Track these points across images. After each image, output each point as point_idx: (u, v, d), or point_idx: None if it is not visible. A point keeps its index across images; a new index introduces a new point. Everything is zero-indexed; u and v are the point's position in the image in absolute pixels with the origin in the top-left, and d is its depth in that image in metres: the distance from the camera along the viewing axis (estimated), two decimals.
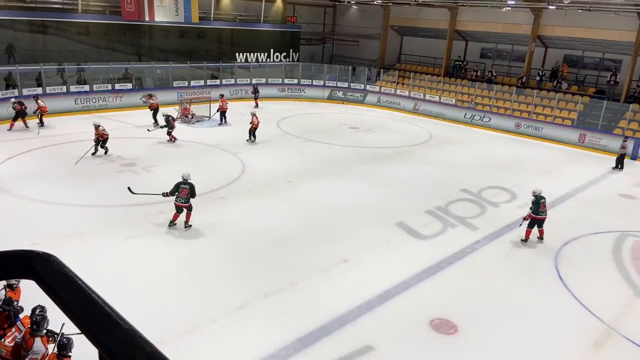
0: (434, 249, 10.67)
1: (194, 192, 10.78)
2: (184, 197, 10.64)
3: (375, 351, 7.14)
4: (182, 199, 10.65)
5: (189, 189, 10.71)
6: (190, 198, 10.71)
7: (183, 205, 10.69)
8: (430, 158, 18.24)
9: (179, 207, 10.71)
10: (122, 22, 24.17)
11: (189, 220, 10.87)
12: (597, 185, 16.22)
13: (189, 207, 10.78)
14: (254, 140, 18.53)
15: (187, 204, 10.71)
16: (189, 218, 10.86)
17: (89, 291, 0.99)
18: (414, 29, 31.06)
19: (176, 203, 10.70)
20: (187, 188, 10.70)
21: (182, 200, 10.65)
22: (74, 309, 0.97)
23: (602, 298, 9.06)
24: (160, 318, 7.48)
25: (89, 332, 0.91)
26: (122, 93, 23.10)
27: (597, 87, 24.47)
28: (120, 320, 0.91)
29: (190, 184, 10.77)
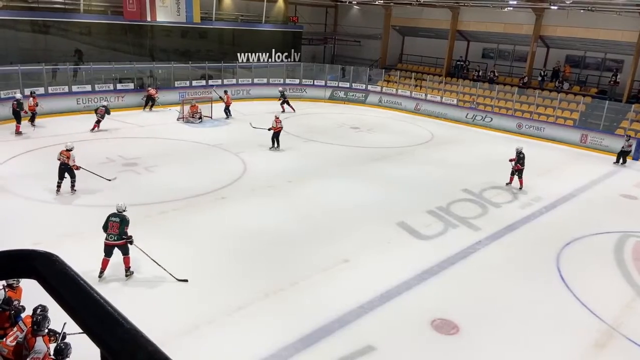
0: (435, 249, 10.67)
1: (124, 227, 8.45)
2: (114, 234, 8.40)
3: (377, 351, 7.13)
4: (113, 235, 8.41)
5: (120, 223, 8.42)
6: (122, 235, 8.43)
7: (114, 244, 8.42)
8: (432, 158, 18.22)
9: (108, 246, 8.38)
10: (124, 22, 24.19)
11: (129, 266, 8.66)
12: (598, 186, 16.20)
13: (124, 248, 8.50)
14: (277, 147, 17.61)
15: (119, 241, 8.43)
16: (128, 263, 8.66)
17: (90, 291, 0.99)
18: (415, 29, 31.04)
19: (106, 242, 8.42)
20: (118, 222, 8.43)
21: (113, 237, 8.41)
22: (76, 308, 0.97)
23: (603, 298, 9.04)
24: (161, 318, 7.49)
25: (91, 331, 0.92)
26: (124, 93, 23.13)
27: (599, 87, 24.42)
28: (122, 320, 0.91)
29: (122, 216, 8.53)
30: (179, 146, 17.74)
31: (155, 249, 9.82)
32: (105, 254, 8.42)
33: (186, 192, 12.94)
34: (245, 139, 18.98)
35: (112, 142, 17.50)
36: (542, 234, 11.84)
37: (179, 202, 12.35)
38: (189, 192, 12.99)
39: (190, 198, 12.65)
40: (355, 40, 33.83)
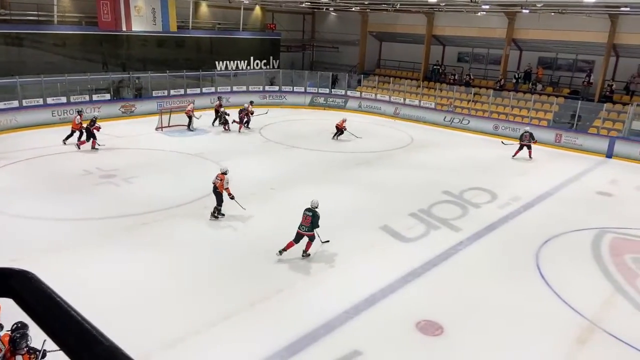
0: (418, 251, 10.75)
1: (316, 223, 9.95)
2: (306, 225, 9.89)
3: (363, 355, 7.15)
4: (305, 226, 9.91)
5: (312, 217, 9.90)
6: (313, 228, 9.89)
7: (304, 233, 9.93)
8: (412, 161, 18.40)
9: (299, 234, 9.96)
10: (99, 32, 23.91)
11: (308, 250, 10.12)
12: (574, 184, 16.55)
13: (311, 237, 10.00)
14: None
15: (309, 232, 9.92)
16: (309, 248, 10.12)
17: (67, 308, 0.98)
18: (392, 34, 31.40)
19: (298, 230, 9.97)
20: (310, 215, 9.93)
21: (305, 228, 9.92)
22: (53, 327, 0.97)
23: (583, 294, 9.23)
24: (145, 332, 7.38)
25: (69, 349, 0.91)
26: (100, 104, 22.82)
27: (572, 87, 25.03)
28: (100, 338, 0.90)
29: (314, 211, 9.97)
30: (159, 156, 17.55)
31: (138, 263, 9.71)
32: (294, 239, 9.96)
33: (167, 203, 12.80)
34: (225, 147, 18.89)
35: (89, 154, 17.23)
36: (521, 233, 12.04)
37: (160, 212, 12.21)
38: (170, 202, 12.86)
39: (171, 208, 12.52)
40: (334, 46, 34.04)
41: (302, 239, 9.96)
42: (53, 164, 15.93)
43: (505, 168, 18.01)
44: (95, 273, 9.16)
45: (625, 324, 8.33)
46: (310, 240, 10.03)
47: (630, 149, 20.00)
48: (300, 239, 9.95)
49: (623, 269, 10.36)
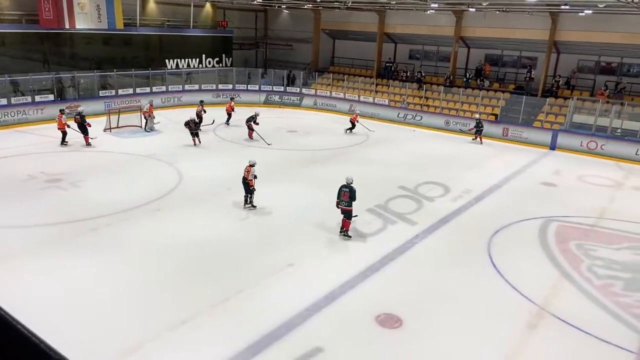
0: (376, 246, 10.91)
1: (354, 196, 10.88)
2: (345, 201, 10.83)
3: (325, 352, 7.18)
4: (344, 202, 10.86)
5: (349, 192, 10.84)
6: (351, 202, 10.84)
7: (345, 209, 10.90)
8: (368, 157, 18.63)
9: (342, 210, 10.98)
10: (41, 30, 22.78)
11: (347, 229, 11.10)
12: (521, 175, 17.28)
13: (349, 214, 10.94)
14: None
15: (348, 207, 10.84)
16: (348, 226, 11.10)
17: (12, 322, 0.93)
18: (345, 32, 31.65)
19: (341, 207, 10.95)
20: (348, 191, 10.84)
21: (344, 203, 10.85)
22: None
23: (532, 281, 9.66)
24: (99, 342, 7.12)
25: None
26: (43, 105, 21.76)
27: (516, 83, 26.11)
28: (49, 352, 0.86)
29: (351, 187, 10.89)
30: (108, 158, 16.94)
31: (88, 268, 9.34)
32: (345, 216, 11.02)
33: (118, 206, 12.37)
34: (178, 148, 18.47)
35: (32, 158, 16.40)
36: (473, 224, 12.45)
37: (111, 216, 11.79)
38: (121, 205, 12.44)
39: (123, 212, 12.12)
40: (287, 44, 33.94)
41: (346, 212, 10.99)
42: None
43: (457, 162, 18.55)
44: (41, 283, 8.74)
45: (572, 307, 8.79)
46: (348, 218, 10.98)
47: (572, 141, 21.09)
48: (347, 213, 10.99)
49: (568, 255, 10.92)
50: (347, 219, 11.05)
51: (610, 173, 17.96)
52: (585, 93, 23.63)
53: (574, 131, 21.37)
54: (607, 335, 7.92)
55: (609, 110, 21.02)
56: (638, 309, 8.85)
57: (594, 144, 20.56)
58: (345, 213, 11.04)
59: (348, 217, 11.04)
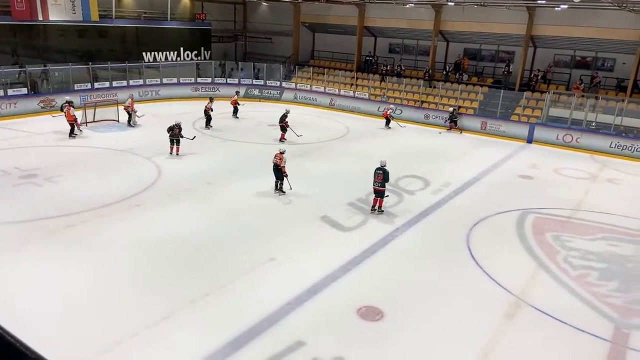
0: (357, 239, 10.97)
1: (387, 179, 12.11)
2: (379, 182, 12.01)
3: (306, 345, 7.21)
4: (378, 183, 12.04)
5: (383, 174, 12.02)
6: (384, 183, 12.02)
7: (378, 189, 12.09)
8: (349, 151, 18.67)
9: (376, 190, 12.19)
10: (13, 22, 22.13)
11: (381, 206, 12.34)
12: (499, 169, 17.55)
13: (382, 194, 12.15)
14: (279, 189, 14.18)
15: (382, 187, 12.03)
16: (381, 204, 12.31)
17: None
18: (325, 25, 31.55)
19: (374, 187, 12.17)
20: (381, 173, 12.01)
21: (378, 184, 12.05)
22: None
23: (510, 272, 9.84)
24: (77, 340, 7.00)
25: None
26: (16, 99, 21.18)
27: (494, 77, 26.46)
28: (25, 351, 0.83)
29: (384, 169, 12.07)
30: (85, 153, 16.60)
31: (66, 265, 9.16)
32: (376, 195, 12.25)
33: (95, 202, 12.15)
34: (157, 142, 18.19)
35: (5, 154, 15.97)
36: (452, 217, 12.61)
37: (88, 213, 11.57)
38: (98, 201, 12.22)
39: (100, 208, 11.90)
40: (267, 37, 33.68)
41: (379, 192, 12.16)
42: None
43: (436, 156, 18.73)
44: (17, 281, 8.55)
45: (549, 298, 8.99)
46: (381, 197, 12.19)
47: (549, 134, 21.49)
48: (380, 193, 12.15)
49: (545, 246, 11.15)
50: (381, 198, 12.24)
51: (586, 165, 18.37)
52: (561, 87, 24.08)
53: (550, 125, 21.77)
54: (583, 324, 8.13)
55: (584, 104, 21.47)
56: (612, 298, 9.10)
57: (570, 137, 20.99)
58: (378, 193, 12.18)
59: (381, 196, 12.22)
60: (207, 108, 21.07)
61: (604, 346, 7.70)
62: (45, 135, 18.45)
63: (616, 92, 22.73)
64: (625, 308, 8.81)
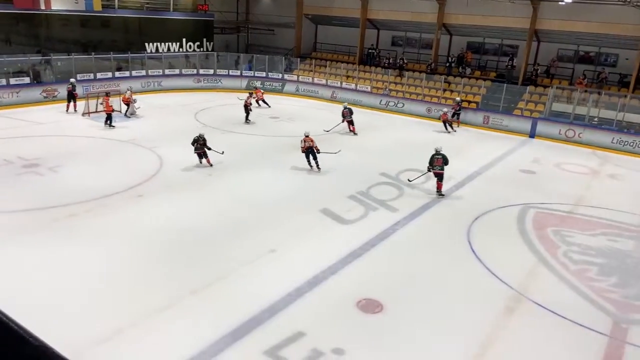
0: (357, 232, 10.99)
1: (446, 162, 13.15)
2: (439, 165, 13.06)
3: (307, 336, 7.25)
4: (438, 166, 13.08)
5: (442, 158, 13.09)
6: (444, 166, 13.06)
7: (440, 172, 13.11)
8: (350, 144, 18.64)
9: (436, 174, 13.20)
10: (15, 10, 22.06)
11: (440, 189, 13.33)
12: (500, 163, 17.53)
13: (442, 176, 13.20)
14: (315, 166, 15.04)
15: (442, 171, 13.12)
16: (440, 187, 13.32)
17: None
18: (327, 17, 31.38)
19: (434, 171, 13.14)
20: (441, 157, 13.08)
21: (438, 167, 13.07)
22: None
23: (510, 266, 9.86)
24: (78, 328, 7.05)
25: None
26: (19, 88, 21.18)
27: (498, 71, 26.33)
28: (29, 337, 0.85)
29: (442, 154, 13.14)
30: (87, 143, 16.62)
31: (68, 254, 9.21)
32: (439, 179, 13.22)
33: (98, 192, 12.19)
34: (159, 133, 18.22)
35: (8, 143, 15.99)
36: (453, 211, 12.62)
37: (90, 202, 11.61)
38: (101, 191, 12.25)
39: (102, 198, 11.94)
40: (269, 29, 33.53)
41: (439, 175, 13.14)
42: None
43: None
44: (18, 269, 8.60)
45: (548, 292, 9.01)
46: (440, 180, 13.19)
47: (551, 129, 21.43)
48: (441, 176, 13.13)
49: (545, 241, 11.17)
50: (440, 181, 13.20)
51: (587, 161, 18.34)
52: (565, 82, 23.98)
53: (553, 119, 21.71)
54: (582, 319, 8.16)
55: (587, 99, 21.37)
56: (611, 293, 9.12)
57: (572, 132, 20.93)
58: (439, 176, 13.16)
59: (441, 179, 13.18)
60: (247, 102, 21.07)
61: (603, 341, 7.73)
62: (47, 125, 18.46)
63: (619, 88, 22.61)
64: (624, 303, 8.84)
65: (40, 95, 21.78)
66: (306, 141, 14.67)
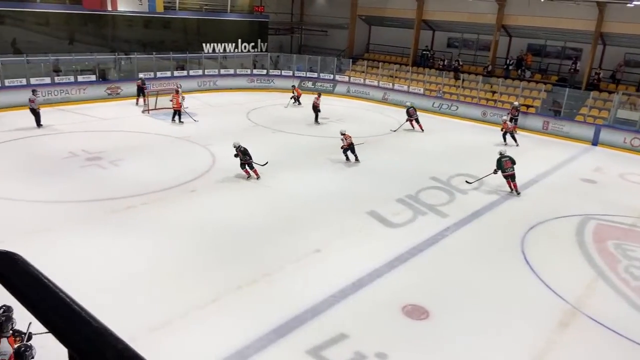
0: (405, 236, 10.83)
1: (514, 162, 13.69)
2: (510, 167, 13.58)
3: (349, 339, 7.23)
4: (509, 169, 13.58)
5: (510, 160, 13.66)
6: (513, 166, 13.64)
7: (513, 173, 13.61)
8: (400, 147, 18.43)
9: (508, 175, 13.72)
10: (84, 11, 23.39)
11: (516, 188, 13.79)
12: (560, 171, 16.75)
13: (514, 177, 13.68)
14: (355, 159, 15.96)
15: (513, 172, 13.62)
16: (516, 187, 13.79)
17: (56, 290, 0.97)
18: (381, 18, 31.17)
19: (504, 174, 13.72)
20: (508, 159, 13.67)
21: (511, 169, 13.56)
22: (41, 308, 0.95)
23: (566, 279, 9.40)
24: (131, 315, 7.36)
25: (58, 331, 0.90)
26: (85, 85, 22.43)
27: (560, 75, 25.18)
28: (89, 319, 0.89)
29: (509, 156, 13.75)
30: (145, 139, 17.35)
31: (124, 245, 9.65)
32: (511, 179, 13.71)
33: (154, 186, 12.70)
34: (212, 131, 18.73)
35: (74, 137, 16.97)
36: (507, 219, 12.19)
37: (147, 196, 12.12)
38: (157, 185, 12.76)
39: (158, 192, 12.43)
40: (322, 29, 33.72)
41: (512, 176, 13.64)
42: (38, 146, 15.69)
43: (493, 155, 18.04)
44: (77, 256, 9.09)
45: (606, 309, 8.52)
46: (513, 179, 13.65)
47: (615, 137, 20.26)
48: (513, 177, 13.62)
49: (605, 254, 10.57)
50: (514, 181, 13.65)
51: None
52: (631, 88, 22.57)
53: (617, 127, 20.50)
54: None
55: None
56: None
57: (638, 140, 19.69)
58: (512, 176, 13.59)
59: (514, 179, 13.63)
60: (315, 103, 21.42)
61: None
62: (110, 120, 19.43)
63: None
64: None
65: (104, 93, 22.95)
66: (347, 138, 15.52)
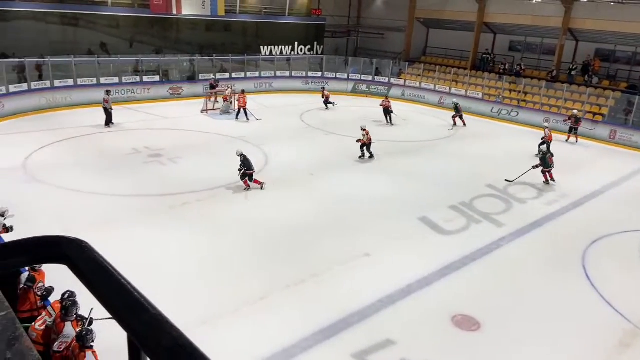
0: (457, 244, 10.56)
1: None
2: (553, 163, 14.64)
3: (396, 345, 7.13)
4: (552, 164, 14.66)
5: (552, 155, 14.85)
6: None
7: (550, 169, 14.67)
8: (455, 152, 17.99)
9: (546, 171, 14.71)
10: (151, 15, 24.54)
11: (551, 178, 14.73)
12: (626, 183, 15.75)
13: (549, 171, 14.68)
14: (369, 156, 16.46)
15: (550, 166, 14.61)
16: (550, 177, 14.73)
17: (119, 277, 1.02)
18: (440, 21, 30.57)
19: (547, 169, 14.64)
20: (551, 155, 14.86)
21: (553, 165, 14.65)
22: (105, 294, 1.01)
23: (629, 298, 8.83)
24: (185, 306, 7.61)
25: (119, 316, 0.95)
26: (150, 85, 23.51)
27: (630, 82, 23.66)
28: (148, 306, 0.94)
29: (551, 152, 14.98)
30: (203, 138, 17.94)
31: (181, 240, 10.02)
32: (549, 171, 14.69)
33: (209, 183, 13.11)
34: (267, 132, 19.07)
35: (138, 134, 17.82)
36: (568, 231, 11.60)
37: (202, 193, 12.53)
38: (211, 183, 13.17)
39: (213, 189, 12.82)
40: (379, 32, 33.52)
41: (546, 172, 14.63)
42: (104, 142, 16.60)
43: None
44: (138, 247, 9.52)
45: None
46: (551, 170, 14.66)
47: None
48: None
49: None
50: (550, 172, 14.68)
51: None
52: None
53: None
54: None
55: None
56: None
57: None
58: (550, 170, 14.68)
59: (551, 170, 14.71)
60: (386, 105, 21.85)
61: None
62: (171, 119, 20.24)
63: None
64: None
65: (167, 93, 23.95)
66: (367, 134, 15.91)
